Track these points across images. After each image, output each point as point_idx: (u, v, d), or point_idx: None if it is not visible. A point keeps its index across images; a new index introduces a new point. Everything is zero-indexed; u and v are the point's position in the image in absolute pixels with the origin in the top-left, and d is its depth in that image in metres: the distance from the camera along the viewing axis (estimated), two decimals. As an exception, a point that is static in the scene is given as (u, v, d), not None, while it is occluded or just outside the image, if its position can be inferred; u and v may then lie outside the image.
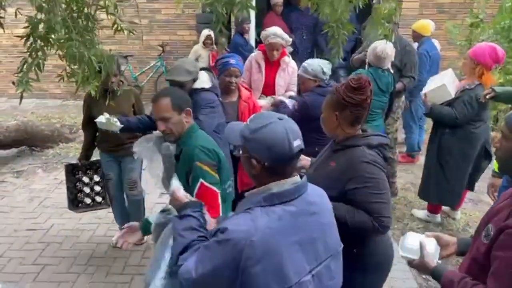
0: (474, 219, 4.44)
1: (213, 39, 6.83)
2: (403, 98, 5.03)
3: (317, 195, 1.59)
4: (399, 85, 4.77)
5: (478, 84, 3.69)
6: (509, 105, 5.97)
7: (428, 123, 4.82)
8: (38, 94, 8.87)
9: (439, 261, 1.76)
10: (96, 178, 3.71)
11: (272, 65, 4.25)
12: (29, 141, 6.13)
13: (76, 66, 1.56)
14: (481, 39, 5.74)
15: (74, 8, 1.76)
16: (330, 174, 2.08)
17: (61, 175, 5.27)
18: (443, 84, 3.75)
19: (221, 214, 2.16)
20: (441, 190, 4.02)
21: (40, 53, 1.51)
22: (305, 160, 2.45)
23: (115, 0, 1.85)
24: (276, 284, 1.38)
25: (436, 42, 6.04)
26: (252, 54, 4.46)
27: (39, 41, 1.49)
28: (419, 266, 1.75)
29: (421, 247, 1.74)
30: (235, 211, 1.60)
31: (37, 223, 4.32)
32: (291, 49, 7.66)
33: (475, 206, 4.71)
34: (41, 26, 1.49)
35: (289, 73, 4.34)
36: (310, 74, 3.54)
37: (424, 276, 3.50)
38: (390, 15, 2.24)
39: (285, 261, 1.39)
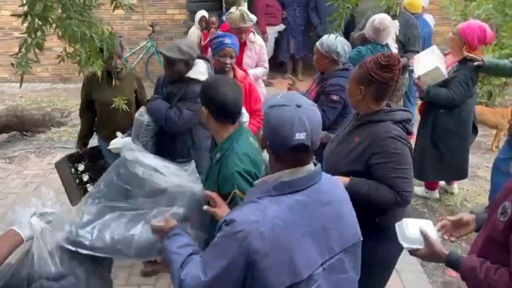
0: (471, 194, 4.49)
1: (208, 20, 6.65)
2: (406, 75, 4.99)
3: (331, 183, 1.52)
4: (403, 60, 4.71)
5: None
6: (503, 80, 5.99)
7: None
8: (25, 77, 8.59)
9: None
10: (80, 167, 3.52)
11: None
12: (19, 126, 5.99)
13: (78, 45, 1.49)
14: (477, 13, 5.67)
15: (70, -15, 1.68)
16: (354, 149, 2.07)
17: (55, 160, 5.19)
18: (436, 67, 3.73)
19: None
20: (438, 169, 4.04)
21: (39, 33, 1.44)
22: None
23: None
24: (287, 278, 1.31)
25: (429, 18, 5.96)
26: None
27: (37, 20, 1.42)
28: (427, 255, 1.67)
29: (425, 235, 1.66)
30: (244, 200, 1.53)
31: (33, 209, 4.26)
32: (283, 27, 7.56)
33: (472, 181, 4.73)
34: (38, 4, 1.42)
35: (256, 51, 4.26)
36: (323, 49, 3.22)
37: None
38: None
39: (296, 253, 1.33)
